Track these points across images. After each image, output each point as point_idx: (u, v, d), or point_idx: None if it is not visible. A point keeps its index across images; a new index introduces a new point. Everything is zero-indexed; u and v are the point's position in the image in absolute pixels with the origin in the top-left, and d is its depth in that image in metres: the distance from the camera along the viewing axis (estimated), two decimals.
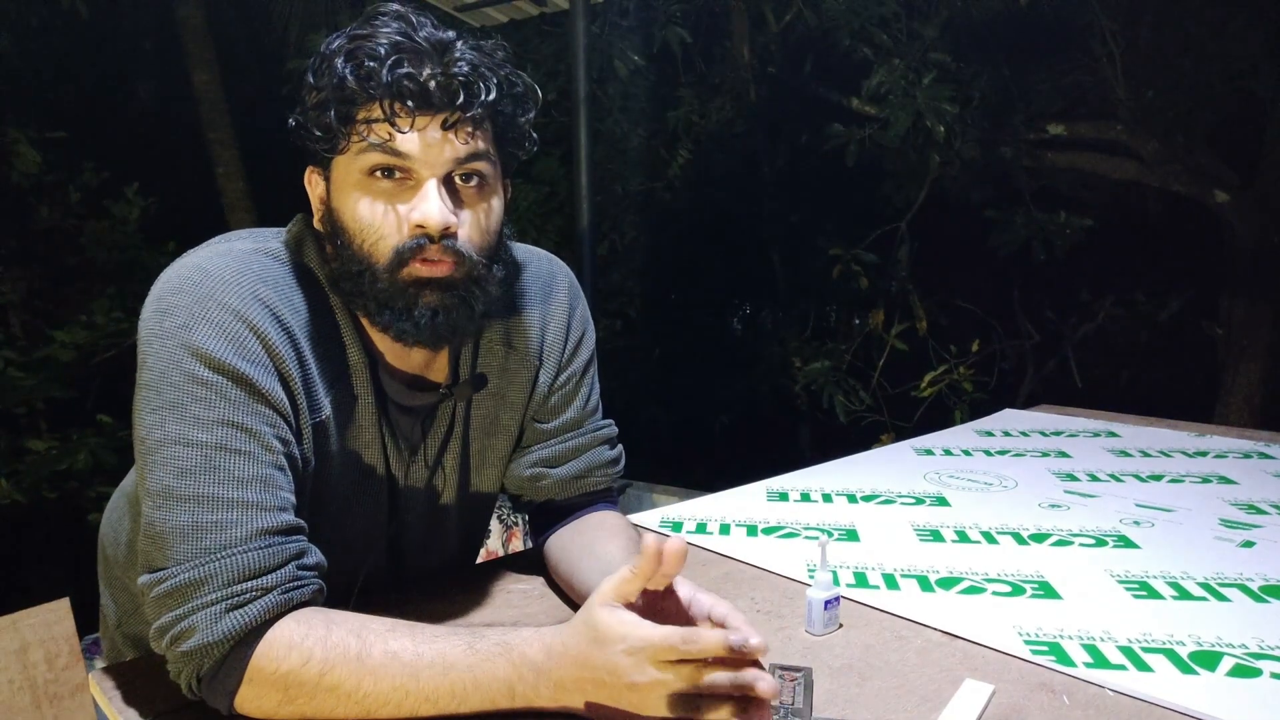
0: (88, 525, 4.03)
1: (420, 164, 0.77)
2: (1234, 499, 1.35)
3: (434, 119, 0.76)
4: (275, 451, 0.74)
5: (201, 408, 0.71)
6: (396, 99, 0.75)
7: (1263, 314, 4.26)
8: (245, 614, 0.67)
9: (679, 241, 5.99)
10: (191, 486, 0.70)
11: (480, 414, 0.95)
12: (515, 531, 3.06)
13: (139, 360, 0.75)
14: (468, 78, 0.76)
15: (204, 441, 0.71)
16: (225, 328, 0.73)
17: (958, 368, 4.90)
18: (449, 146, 0.77)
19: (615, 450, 1.05)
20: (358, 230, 0.78)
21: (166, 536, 0.69)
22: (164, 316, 0.74)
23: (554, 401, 0.99)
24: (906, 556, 1.11)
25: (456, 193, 0.79)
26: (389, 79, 0.74)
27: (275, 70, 4.80)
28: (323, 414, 0.81)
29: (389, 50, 0.75)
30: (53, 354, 4.17)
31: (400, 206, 0.78)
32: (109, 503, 1.07)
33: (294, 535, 0.73)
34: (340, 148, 0.78)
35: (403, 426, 0.89)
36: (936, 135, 4.16)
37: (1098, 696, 0.76)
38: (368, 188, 0.78)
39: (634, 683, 0.63)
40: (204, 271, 0.76)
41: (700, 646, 0.62)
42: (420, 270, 0.78)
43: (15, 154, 4.23)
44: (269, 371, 0.75)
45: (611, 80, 5.13)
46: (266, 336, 0.75)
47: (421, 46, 0.76)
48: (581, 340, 1.01)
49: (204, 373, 0.72)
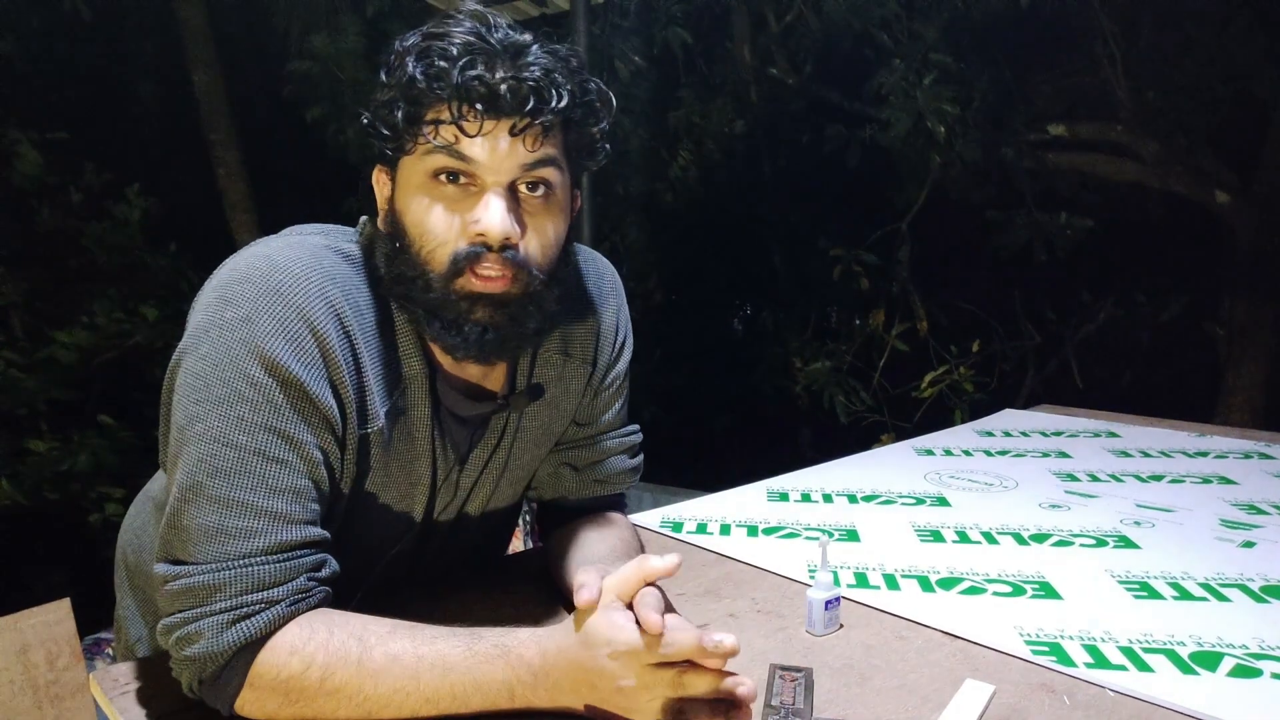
0: (89, 526, 4.04)
1: (485, 170, 0.74)
2: (1234, 499, 1.35)
3: (502, 124, 0.73)
4: (314, 462, 0.73)
5: (248, 409, 0.70)
6: (465, 101, 0.72)
7: (1263, 315, 4.26)
8: (250, 626, 0.67)
9: (680, 242, 5.99)
10: (223, 488, 0.69)
11: (533, 424, 0.93)
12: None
13: (187, 342, 0.73)
14: (539, 83, 0.73)
15: (243, 444, 0.70)
16: (287, 326, 0.72)
17: (958, 368, 4.90)
18: (516, 153, 0.74)
19: (637, 459, 1.05)
20: (418, 234, 0.76)
21: (190, 532, 0.69)
22: (225, 305, 0.72)
23: (597, 403, 0.99)
24: (907, 557, 1.11)
25: (521, 202, 0.77)
26: (459, 80, 0.72)
27: (276, 71, 4.80)
28: (375, 424, 0.79)
29: (461, 50, 0.73)
30: (54, 355, 4.17)
31: (462, 213, 0.75)
32: (131, 509, 1.05)
33: (314, 549, 0.73)
34: (407, 148, 0.76)
35: (455, 436, 0.87)
36: (937, 136, 4.16)
37: (1098, 697, 0.76)
38: (431, 191, 0.76)
39: (620, 686, 0.64)
40: (272, 263, 0.74)
41: (676, 649, 0.62)
42: (475, 284, 0.76)
43: (16, 155, 4.24)
44: (322, 378, 0.74)
45: (612, 81, 5.12)
46: (326, 340, 0.74)
47: (494, 48, 0.74)
48: (625, 342, 1.00)
49: (257, 372, 0.71)
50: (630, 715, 0.65)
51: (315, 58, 4.44)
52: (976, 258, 5.03)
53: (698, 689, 0.63)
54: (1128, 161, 4.44)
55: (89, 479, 4.09)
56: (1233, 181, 4.25)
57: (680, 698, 0.64)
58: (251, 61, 5.30)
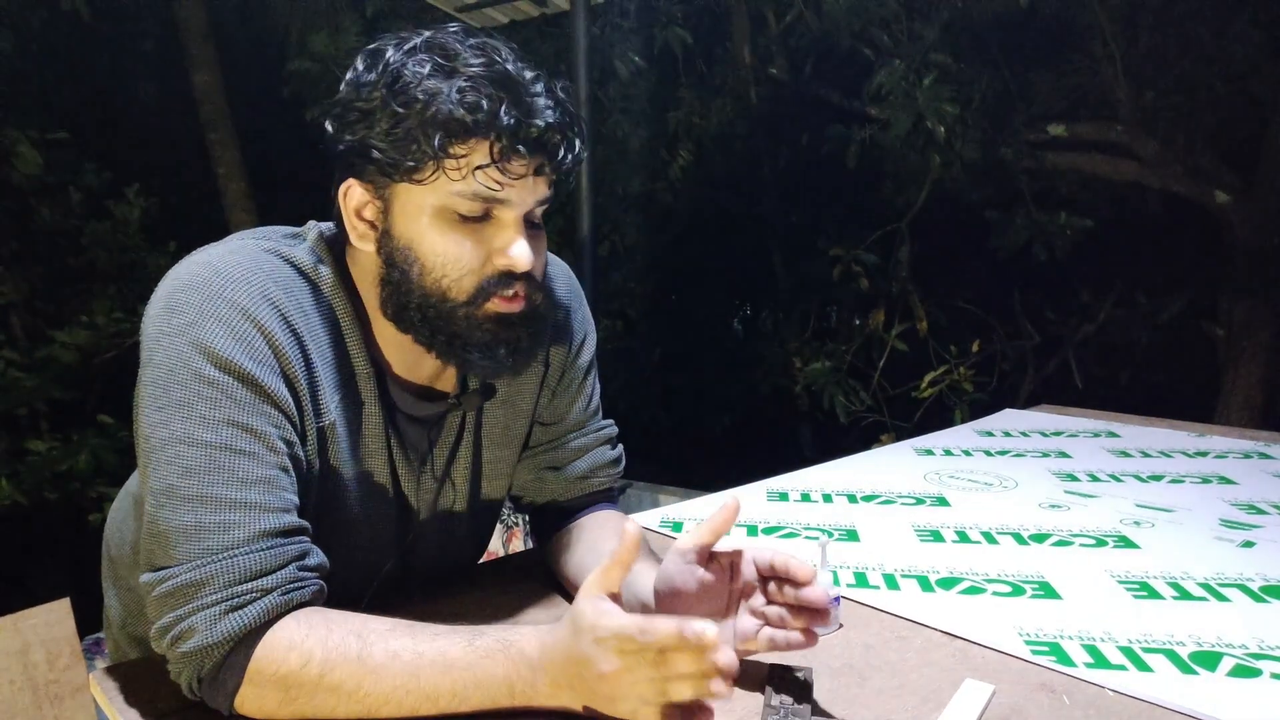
0: (89, 526, 4.03)
1: (513, 207, 0.77)
2: (1234, 499, 1.35)
3: (534, 162, 0.76)
4: (280, 453, 0.74)
5: (207, 407, 0.71)
6: (511, 142, 0.73)
7: (1263, 315, 4.26)
8: (245, 615, 0.67)
9: (680, 242, 5.99)
10: (195, 486, 0.70)
11: (491, 423, 0.95)
12: (515, 532, 3.06)
13: (143, 356, 0.74)
14: (566, 127, 0.76)
15: (209, 441, 0.70)
16: (233, 326, 0.73)
17: (958, 368, 4.90)
18: (537, 190, 0.78)
19: (616, 450, 1.05)
20: (436, 264, 0.77)
21: (169, 535, 0.69)
22: (172, 314, 0.73)
23: (557, 403, 1.00)
24: (907, 557, 1.11)
25: (526, 227, 0.79)
26: (508, 121, 0.72)
27: (276, 71, 4.81)
28: (328, 418, 0.80)
29: (500, 85, 0.73)
30: (54, 355, 4.17)
31: (484, 243, 0.77)
32: (113, 503, 1.07)
33: (296, 536, 0.73)
34: (417, 177, 0.75)
35: (410, 436, 0.88)
36: (937, 136, 4.16)
37: (1098, 697, 0.76)
38: (450, 220, 0.76)
39: (602, 672, 0.63)
40: (214, 269, 0.75)
41: (655, 637, 0.61)
42: (500, 306, 0.78)
43: (16, 155, 4.23)
44: (275, 372, 0.75)
45: (612, 81, 5.13)
46: (273, 337, 0.75)
47: (518, 83, 0.75)
48: (584, 342, 1.01)
49: (211, 371, 0.72)
50: (614, 704, 0.65)
51: (315, 57, 4.44)
52: (976, 258, 5.03)
53: (681, 666, 0.62)
54: (1127, 161, 4.44)
55: (89, 479, 4.08)
56: (1232, 181, 4.25)
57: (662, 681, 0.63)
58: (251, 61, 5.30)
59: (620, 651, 0.63)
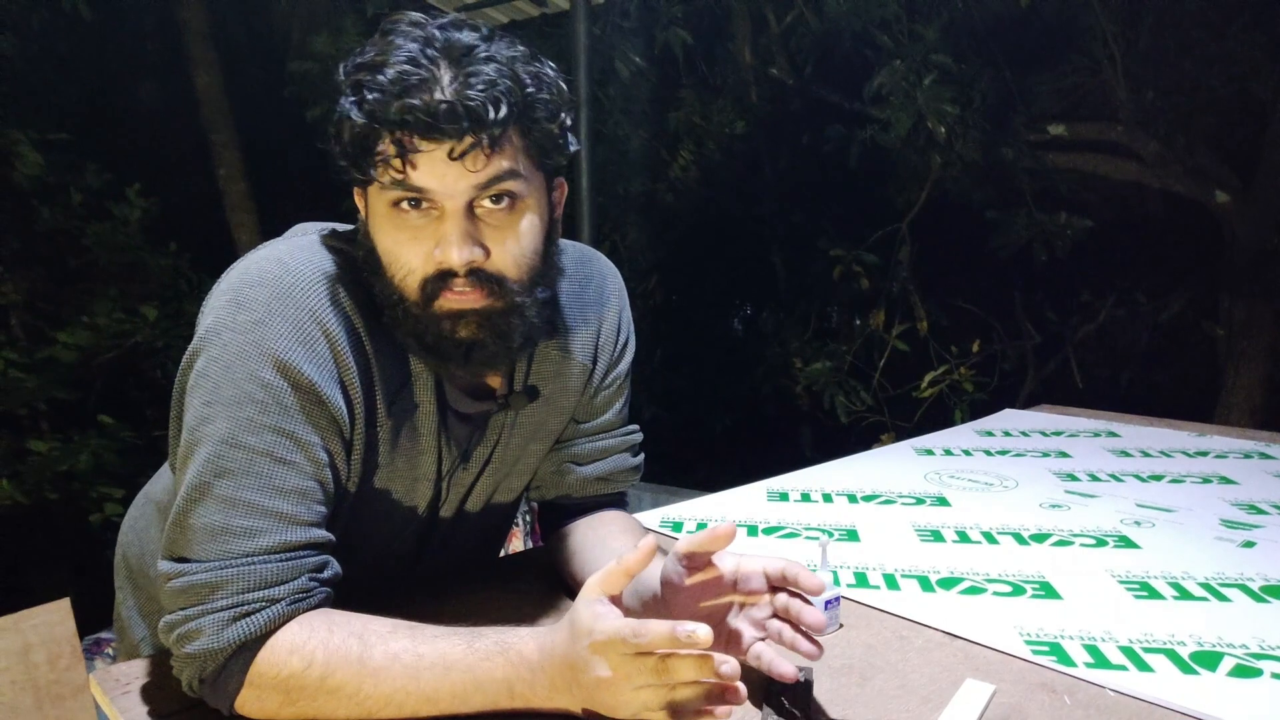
0: (89, 526, 4.04)
1: (440, 195, 0.72)
2: (1235, 499, 1.35)
3: (445, 146, 0.71)
4: (320, 464, 0.74)
5: (257, 410, 0.71)
6: (404, 131, 0.70)
7: (1263, 314, 4.26)
8: (250, 624, 0.68)
9: (680, 243, 5.99)
10: (229, 488, 0.70)
11: (530, 420, 0.94)
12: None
13: (199, 344, 0.73)
14: (479, 99, 0.70)
15: (251, 445, 0.70)
16: (300, 328, 0.73)
17: (958, 368, 4.90)
18: (467, 174, 0.72)
19: (638, 458, 1.05)
20: (389, 262, 0.76)
21: (195, 530, 0.69)
22: (239, 309, 0.73)
23: (597, 402, 0.99)
24: (907, 557, 1.11)
25: (482, 219, 0.74)
26: (395, 111, 0.69)
27: (277, 72, 4.81)
28: (382, 422, 0.80)
29: (395, 78, 0.70)
30: (55, 355, 4.18)
31: (426, 239, 0.74)
32: (132, 508, 1.06)
33: (318, 550, 0.73)
34: (364, 179, 0.75)
35: (458, 434, 0.88)
36: (937, 136, 4.16)
37: (1098, 696, 0.76)
38: (395, 219, 0.74)
39: (599, 678, 0.63)
40: (285, 267, 0.75)
41: (649, 639, 0.61)
42: (452, 301, 0.75)
43: (17, 155, 4.24)
44: (333, 379, 0.74)
45: (613, 82, 5.13)
46: (337, 341, 0.75)
47: (428, 70, 0.70)
48: (628, 343, 1.00)
49: (268, 375, 0.71)
50: (615, 710, 0.64)
51: (316, 58, 4.45)
52: (976, 258, 5.03)
53: (683, 674, 0.62)
54: (1127, 161, 4.45)
55: (89, 479, 4.09)
56: (1232, 181, 4.25)
57: (663, 686, 0.63)
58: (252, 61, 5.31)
59: (617, 655, 0.62)
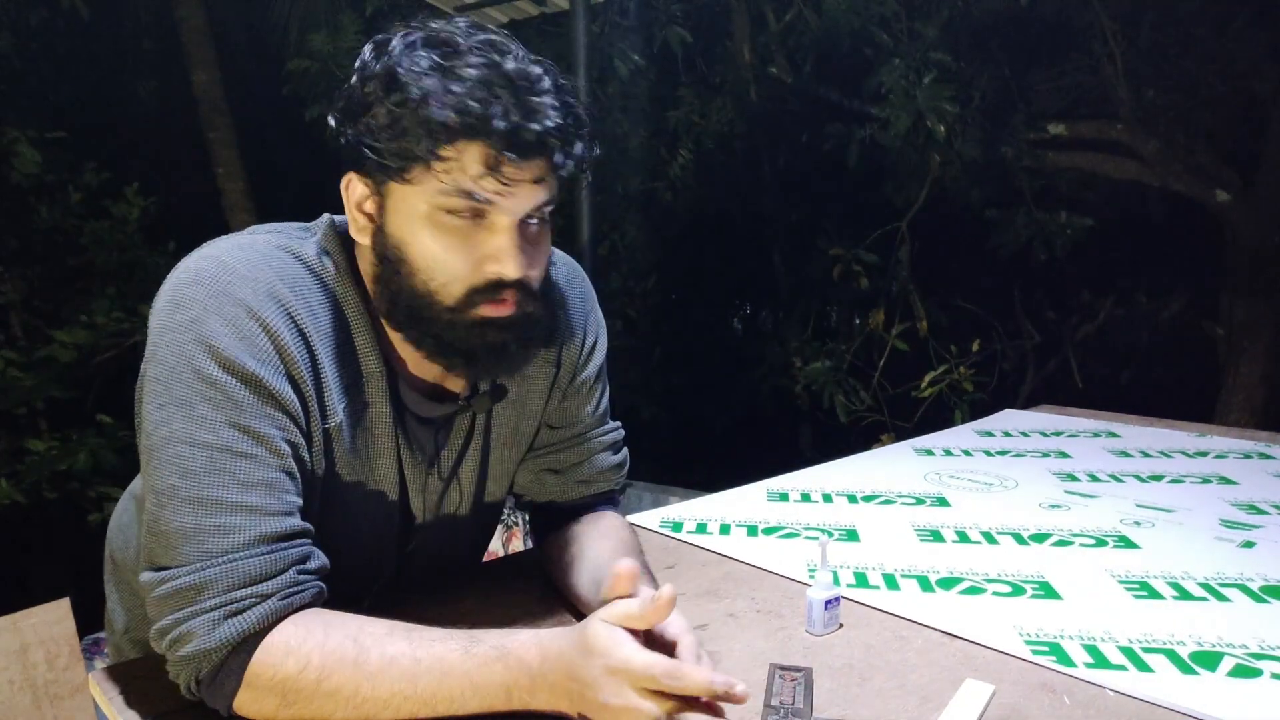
0: (88, 526, 4.04)
1: (507, 211, 0.73)
2: (1234, 499, 1.35)
3: (528, 168, 0.72)
4: (283, 455, 0.73)
5: (209, 407, 0.70)
6: (505, 147, 0.70)
7: (1263, 314, 4.26)
8: (243, 621, 0.67)
9: (680, 242, 5.99)
10: (196, 488, 0.69)
11: (500, 424, 0.93)
12: (515, 532, 3.06)
13: (148, 351, 0.73)
14: (565, 130, 0.72)
15: (209, 443, 0.70)
16: (238, 325, 0.72)
17: (958, 368, 4.89)
18: (534, 195, 0.74)
19: (621, 454, 1.04)
20: (425, 266, 0.75)
21: (170, 536, 0.69)
22: (176, 309, 0.72)
23: (567, 406, 0.98)
24: (907, 557, 1.11)
25: (522, 232, 0.76)
26: (502, 125, 0.69)
27: (275, 70, 4.80)
28: (334, 420, 0.79)
29: (488, 86, 0.69)
30: (53, 354, 4.17)
31: (474, 248, 0.74)
32: (117, 506, 1.06)
33: (298, 540, 0.73)
34: (411, 179, 0.73)
35: (419, 437, 0.87)
36: (937, 135, 4.16)
37: (1098, 697, 0.76)
38: (441, 224, 0.74)
39: (607, 703, 0.63)
40: (221, 264, 0.74)
41: (684, 684, 0.61)
42: (488, 311, 0.76)
43: (15, 154, 4.23)
44: (279, 373, 0.73)
45: (612, 80, 5.12)
46: (279, 336, 0.73)
47: (516, 84, 0.71)
48: (595, 345, 1.00)
49: (214, 371, 0.70)
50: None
51: (314, 56, 4.44)
52: (976, 257, 5.03)
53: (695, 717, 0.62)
54: (1127, 160, 4.44)
55: (88, 478, 4.08)
56: (1233, 180, 4.25)
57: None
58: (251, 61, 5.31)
59: (636, 689, 0.62)
